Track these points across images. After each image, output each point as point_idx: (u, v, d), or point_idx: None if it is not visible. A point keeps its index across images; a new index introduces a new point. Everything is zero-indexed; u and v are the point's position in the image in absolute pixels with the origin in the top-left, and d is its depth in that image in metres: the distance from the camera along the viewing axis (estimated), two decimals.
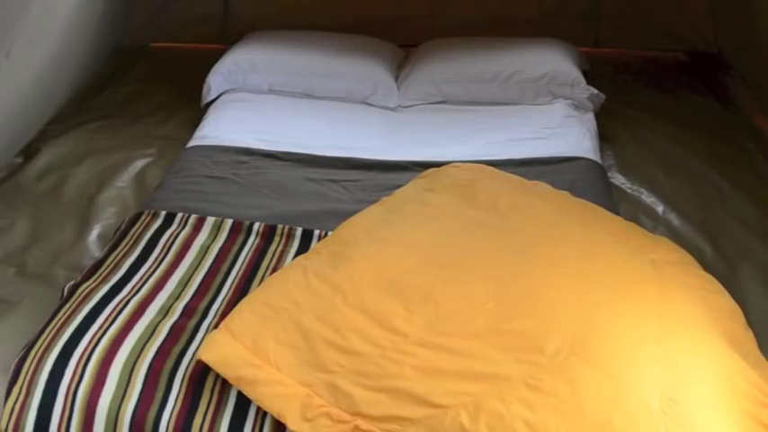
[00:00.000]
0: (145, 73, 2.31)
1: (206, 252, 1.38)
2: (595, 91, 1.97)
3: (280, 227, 1.45)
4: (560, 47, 2.11)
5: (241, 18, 2.40)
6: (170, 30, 2.45)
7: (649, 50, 2.41)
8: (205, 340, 1.13)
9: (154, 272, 1.32)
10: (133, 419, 1.08)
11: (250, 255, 1.38)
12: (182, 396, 1.10)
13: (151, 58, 2.42)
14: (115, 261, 1.35)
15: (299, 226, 1.45)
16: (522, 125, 1.85)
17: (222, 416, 1.08)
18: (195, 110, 2.03)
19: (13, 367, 1.13)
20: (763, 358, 1.13)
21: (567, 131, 1.81)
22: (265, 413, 1.06)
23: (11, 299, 1.37)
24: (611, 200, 1.60)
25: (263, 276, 1.32)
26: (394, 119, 1.93)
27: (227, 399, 1.09)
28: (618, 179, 1.79)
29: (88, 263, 1.43)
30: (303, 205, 1.53)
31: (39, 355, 1.14)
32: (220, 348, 1.10)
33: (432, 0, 2.35)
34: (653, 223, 1.64)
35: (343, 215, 1.40)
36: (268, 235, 1.43)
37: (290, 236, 1.43)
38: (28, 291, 1.40)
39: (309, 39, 2.15)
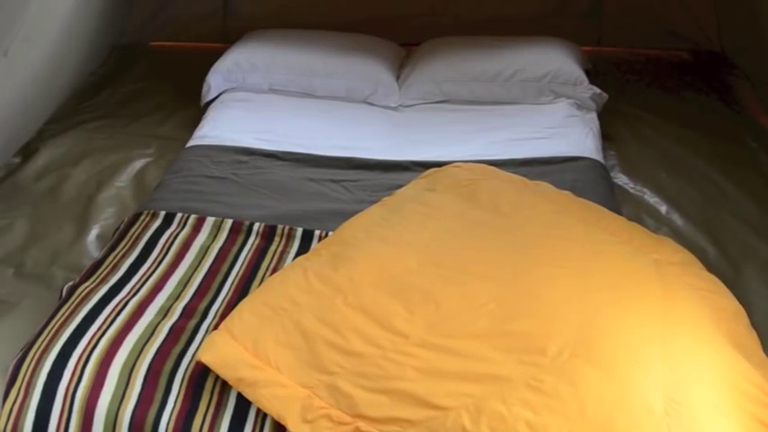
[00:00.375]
0: (144, 72, 2.30)
1: (206, 252, 1.38)
2: (598, 90, 1.96)
3: (280, 227, 1.44)
4: (563, 46, 2.09)
5: (241, 17, 2.40)
6: (169, 28, 2.44)
7: (652, 49, 2.39)
8: (205, 341, 1.12)
9: (153, 272, 1.32)
10: (132, 421, 1.07)
11: (250, 255, 1.38)
12: (181, 397, 1.09)
13: (150, 57, 2.41)
14: (114, 261, 1.34)
15: (300, 226, 1.44)
16: (524, 125, 1.84)
17: (222, 417, 1.07)
18: (195, 109, 2.02)
19: (11, 368, 1.13)
20: (766, 359, 1.12)
21: (569, 131, 1.80)
22: (265, 415, 1.06)
23: (9, 299, 1.37)
24: (614, 200, 1.59)
25: (263, 277, 1.32)
26: (395, 118, 1.92)
27: (227, 400, 1.08)
28: (621, 179, 1.78)
29: (87, 263, 1.43)
30: (303, 205, 1.53)
31: (37, 356, 1.13)
32: (220, 349, 1.09)
33: None
34: (656, 223, 1.63)
35: (344, 215, 1.39)
36: (268, 235, 1.43)
37: (290, 236, 1.42)
38: (26, 291, 1.40)
39: (310, 38, 2.14)
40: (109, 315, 1.20)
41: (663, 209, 1.68)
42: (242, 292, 1.28)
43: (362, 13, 2.33)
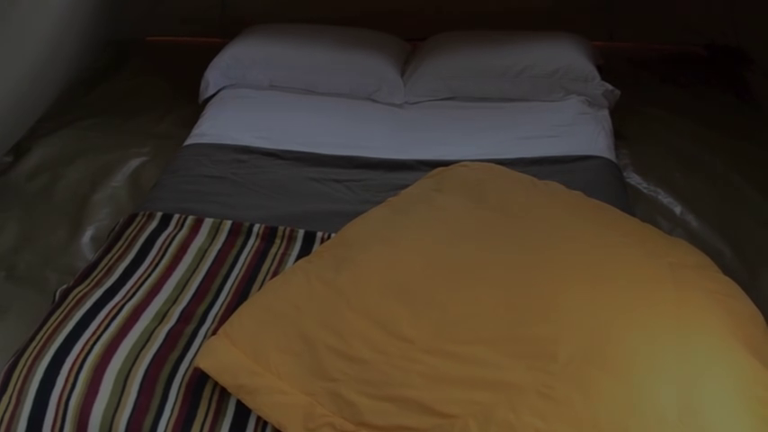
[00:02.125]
0: (140, 68, 2.30)
1: (204, 255, 1.36)
2: (610, 87, 1.94)
3: (281, 228, 1.42)
4: (574, 41, 2.08)
5: (240, 11, 2.39)
6: (166, 23, 2.43)
7: (666, 44, 2.37)
8: (203, 347, 1.11)
9: (149, 275, 1.30)
10: (128, 429, 1.06)
11: (250, 257, 1.36)
12: (179, 405, 1.07)
13: (147, 53, 2.40)
14: (109, 264, 1.33)
15: (301, 227, 1.43)
16: (533, 122, 1.82)
17: (221, 425, 1.05)
18: (192, 106, 2.01)
19: (2, 375, 1.11)
20: None
21: (580, 129, 1.78)
22: (266, 423, 1.04)
23: (0, 303, 1.37)
24: (627, 200, 1.58)
25: (264, 280, 1.30)
26: (400, 116, 1.90)
27: (226, 408, 1.07)
28: (634, 179, 1.77)
29: (81, 266, 1.42)
30: (305, 206, 1.51)
31: (29, 362, 1.11)
32: (219, 355, 1.08)
33: None
34: (670, 225, 1.62)
35: (347, 216, 1.38)
36: (268, 237, 1.41)
37: (291, 238, 1.40)
38: (18, 295, 1.40)
39: (311, 32, 2.13)
40: (103, 320, 1.18)
41: (677, 210, 1.66)
42: (241, 295, 1.26)
43: (366, 7, 2.32)
